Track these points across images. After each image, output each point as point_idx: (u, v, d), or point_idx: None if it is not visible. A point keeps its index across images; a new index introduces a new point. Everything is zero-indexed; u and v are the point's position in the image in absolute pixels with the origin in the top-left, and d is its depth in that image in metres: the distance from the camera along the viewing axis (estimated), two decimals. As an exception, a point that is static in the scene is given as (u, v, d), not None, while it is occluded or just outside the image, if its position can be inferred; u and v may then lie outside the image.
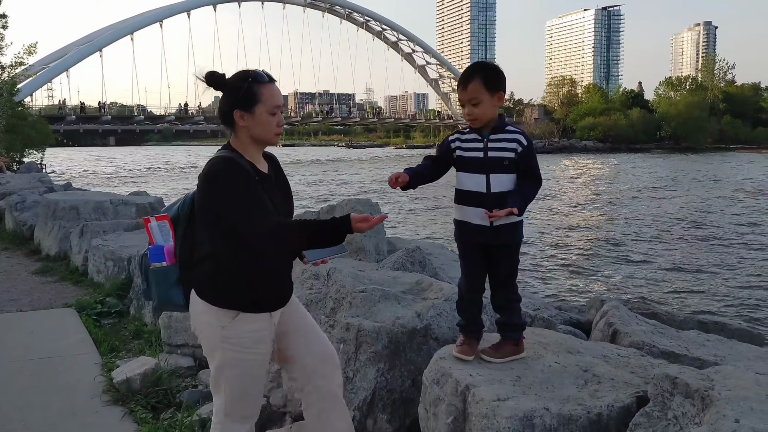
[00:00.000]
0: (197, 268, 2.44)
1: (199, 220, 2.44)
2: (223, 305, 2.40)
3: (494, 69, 2.78)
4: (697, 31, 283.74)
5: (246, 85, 2.41)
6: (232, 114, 2.42)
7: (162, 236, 2.49)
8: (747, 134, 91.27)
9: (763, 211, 22.97)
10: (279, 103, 2.47)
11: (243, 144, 2.47)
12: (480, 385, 2.64)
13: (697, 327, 5.01)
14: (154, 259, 2.49)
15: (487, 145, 2.77)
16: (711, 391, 2.22)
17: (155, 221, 2.51)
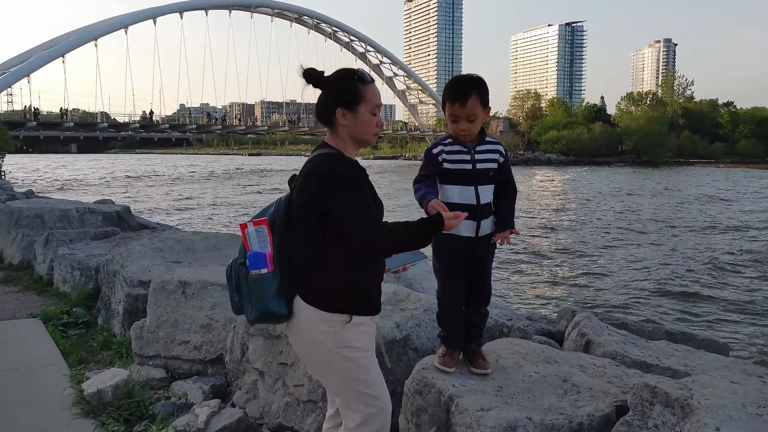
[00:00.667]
0: (304, 273, 2.34)
1: (306, 220, 2.33)
2: (336, 310, 2.33)
3: (485, 84, 2.81)
4: (658, 47, 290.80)
5: (351, 83, 2.39)
6: (334, 112, 2.39)
7: (259, 242, 2.34)
8: (705, 149, 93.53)
9: (722, 222, 23.58)
10: (380, 103, 2.45)
11: (343, 142, 2.42)
12: (463, 395, 2.66)
13: (666, 337, 5.11)
14: (255, 266, 2.32)
15: (474, 157, 2.80)
16: (690, 400, 2.27)
17: (252, 226, 2.36)
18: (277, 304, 2.31)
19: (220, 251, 6.65)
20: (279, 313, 2.33)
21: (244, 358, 4.14)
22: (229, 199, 33.79)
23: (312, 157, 2.38)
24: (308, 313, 2.32)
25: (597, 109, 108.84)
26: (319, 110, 2.45)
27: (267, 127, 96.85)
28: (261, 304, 2.31)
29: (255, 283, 2.32)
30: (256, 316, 2.36)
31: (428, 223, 2.37)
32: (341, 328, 2.31)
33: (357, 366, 2.35)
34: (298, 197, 2.34)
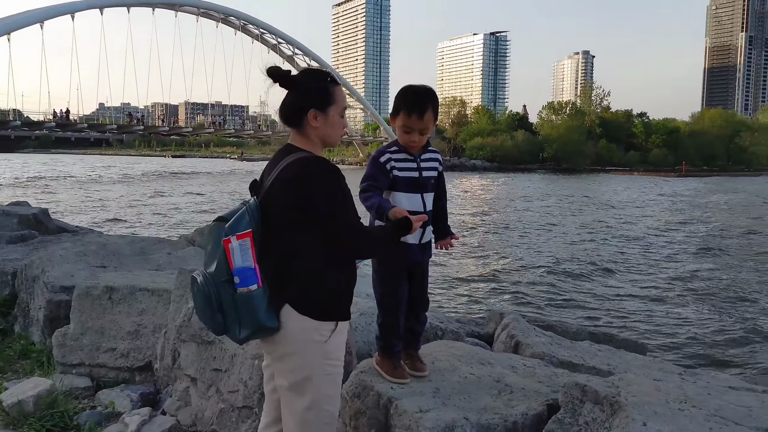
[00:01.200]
0: (294, 282, 2.27)
1: (295, 226, 2.26)
2: (327, 317, 2.29)
3: (437, 96, 2.86)
4: (577, 59, 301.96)
5: (324, 85, 2.35)
6: (306, 113, 2.33)
7: (242, 256, 2.20)
8: (620, 157, 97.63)
9: (634, 226, 24.67)
10: (346, 105, 2.43)
11: (313, 144, 2.38)
12: (402, 397, 2.70)
13: (589, 338, 5.34)
14: (245, 284, 2.19)
15: (420, 165, 2.85)
16: (618, 397, 2.39)
17: (236, 240, 2.20)
18: (270, 317, 2.23)
19: (147, 255, 6.48)
20: (272, 327, 2.25)
21: (176, 364, 4.06)
22: (152, 202, 32.83)
23: (291, 162, 2.28)
24: (300, 323, 2.26)
25: (520, 118, 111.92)
26: (287, 111, 2.38)
27: (191, 129, 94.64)
28: (254, 322, 2.22)
29: (245, 301, 2.21)
30: (248, 334, 2.26)
31: (400, 226, 2.42)
32: (330, 337, 2.28)
33: (333, 383, 2.34)
34: (287, 204, 2.26)
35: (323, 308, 2.29)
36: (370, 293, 6.10)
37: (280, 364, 2.33)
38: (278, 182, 2.28)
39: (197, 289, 2.28)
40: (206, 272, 2.28)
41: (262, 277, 2.23)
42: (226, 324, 2.27)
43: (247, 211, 2.27)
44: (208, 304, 2.25)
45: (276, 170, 2.32)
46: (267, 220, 2.29)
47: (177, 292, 4.19)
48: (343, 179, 2.30)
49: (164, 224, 23.55)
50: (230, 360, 3.64)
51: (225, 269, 2.21)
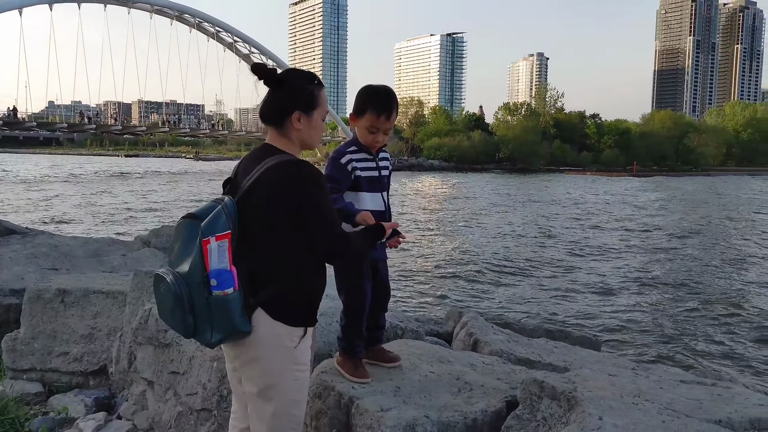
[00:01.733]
0: (269, 286, 2.23)
1: (276, 230, 2.22)
2: (299, 323, 2.25)
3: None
4: (531, 61, 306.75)
5: (311, 87, 2.31)
6: (291, 114, 2.28)
7: (219, 258, 2.13)
8: (574, 158, 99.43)
9: (587, 224, 25.19)
10: (328, 110, 2.41)
11: (293, 146, 2.34)
12: (363, 396, 2.71)
13: (545, 335, 5.44)
14: (222, 286, 2.13)
15: (378, 164, 2.87)
16: (575, 392, 2.44)
17: (215, 241, 2.12)
18: (244, 322, 2.18)
19: (100, 257, 6.35)
20: (245, 331, 2.20)
21: (132, 367, 3.98)
22: (104, 203, 32.09)
23: (272, 165, 2.23)
24: (272, 328, 2.22)
25: (476, 118, 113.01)
26: (270, 110, 2.32)
27: (145, 128, 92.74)
28: (228, 326, 2.16)
29: (220, 304, 2.14)
30: (220, 337, 2.20)
31: (373, 232, 2.44)
32: (299, 342, 2.26)
33: (300, 388, 2.32)
34: (272, 206, 2.21)
35: (296, 314, 2.27)
36: (329, 293, 6.09)
37: (248, 369, 2.29)
38: (263, 184, 2.22)
39: (166, 289, 2.18)
40: (176, 271, 2.19)
41: (237, 280, 2.18)
42: (197, 326, 2.19)
43: (223, 211, 2.19)
44: (179, 305, 2.16)
45: (257, 171, 2.25)
46: (243, 222, 2.23)
47: (133, 294, 4.12)
48: (326, 185, 2.30)
49: (118, 225, 23.05)
50: (188, 362, 3.59)
51: (200, 270, 2.13)
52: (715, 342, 9.58)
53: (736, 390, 2.78)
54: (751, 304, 12.20)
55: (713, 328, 10.41)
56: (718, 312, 11.45)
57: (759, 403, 2.57)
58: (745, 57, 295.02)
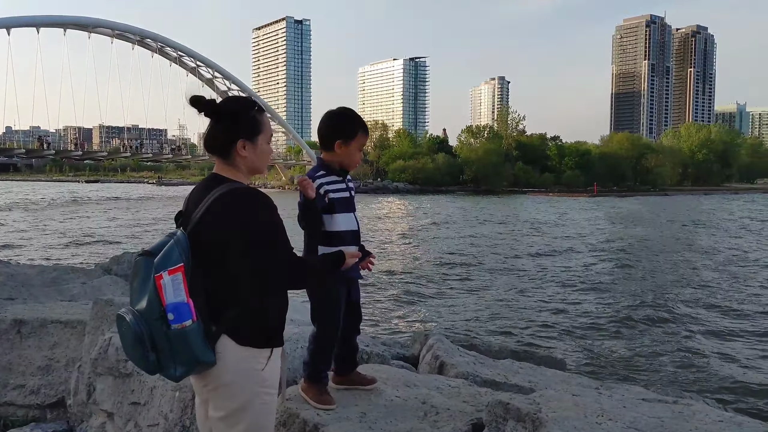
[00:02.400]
0: (230, 313, 2.22)
1: (229, 257, 2.21)
2: (264, 344, 2.25)
3: None
4: (493, 84, 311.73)
5: (252, 114, 2.31)
6: (235, 143, 2.29)
7: (175, 292, 2.12)
8: (536, 179, 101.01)
9: (551, 245, 25.51)
10: (272, 132, 2.41)
11: (240, 173, 2.34)
12: (328, 423, 2.69)
13: (511, 356, 5.47)
14: (179, 320, 2.11)
15: (348, 185, 2.93)
16: (539, 413, 2.46)
17: (168, 275, 2.12)
18: (206, 352, 2.17)
19: (59, 286, 6.20)
20: (209, 362, 2.19)
21: (91, 399, 3.88)
22: (64, 229, 31.39)
23: (222, 194, 2.25)
24: (237, 353, 2.22)
25: (440, 141, 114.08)
26: (214, 141, 2.35)
27: (107, 153, 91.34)
28: (190, 358, 2.15)
29: (180, 337, 2.12)
30: (184, 371, 2.19)
31: (335, 259, 2.47)
32: (266, 364, 2.26)
33: (268, 412, 2.31)
34: (221, 236, 2.22)
35: (260, 336, 2.26)
36: (294, 319, 6.04)
37: (216, 395, 2.28)
38: (212, 214, 2.23)
39: (126, 328, 2.18)
40: (135, 310, 2.19)
41: (195, 311, 2.17)
42: (160, 362, 2.18)
43: (176, 245, 2.20)
44: (139, 343, 2.15)
45: (206, 202, 2.26)
46: (198, 252, 2.23)
47: (92, 323, 4.03)
48: (275, 210, 2.30)
49: (77, 252, 22.51)
50: (149, 393, 3.52)
51: (157, 306, 2.13)
52: (676, 358, 9.74)
53: (697, 407, 2.83)
54: (707, 320, 12.47)
55: (672, 344, 10.60)
56: (677, 328, 11.67)
57: (718, 419, 2.62)
58: (698, 80, 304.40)
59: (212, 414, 2.31)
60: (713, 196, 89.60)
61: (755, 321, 12.54)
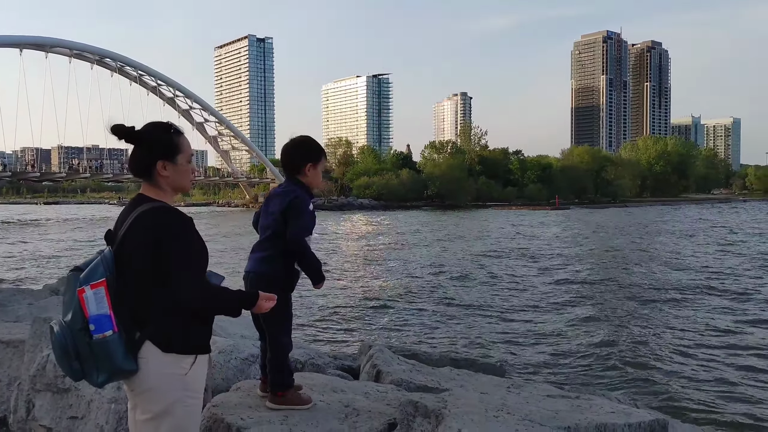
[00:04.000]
0: (151, 322, 2.38)
1: (148, 272, 2.36)
2: (185, 351, 2.38)
3: None
4: (456, 100, 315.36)
5: (168, 136, 2.47)
6: (155, 164, 2.45)
7: (97, 304, 2.30)
8: (499, 193, 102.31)
9: (506, 256, 25.94)
10: (193, 152, 2.56)
11: (164, 193, 2.50)
12: (251, 427, 2.85)
13: (450, 363, 5.67)
14: (100, 330, 2.28)
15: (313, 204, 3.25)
16: (444, 410, 2.66)
17: (90, 289, 2.30)
18: (127, 361, 2.33)
19: (4, 307, 6.23)
20: (130, 370, 2.35)
21: (30, 416, 3.96)
22: (14, 252, 30.80)
23: (141, 213, 2.42)
24: (160, 358, 2.37)
25: (404, 157, 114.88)
26: (137, 164, 2.51)
27: (65, 174, 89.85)
28: (111, 366, 2.31)
29: (101, 347, 2.29)
30: (105, 378, 2.36)
31: (246, 299, 2.59)
32: (190, 369, 2.41)
33: (192, 414, 2.45)
34: (138, 252, 2.38)
35: (182, 343, 2.41)
36: (245, 335, 6.15)
37: (142, 399, 2.43)
38: (131, 232, 2.41)
39: (54, 338, 2.35)
40: (63, 321, 2.35)
41: (117, 322, 2.33)
42: (84, 370, 2.35)
43: (102, 261, 2.37)
44: (64, 352, 2.33)
45: (128, 220, 2.44)
46: (122, 267, 2.40)
47: (31, 341, 4.12)
48: (194, 230, 2.46)
49: (27, 275, 22.19)
50: (87, 406, 3.63)
51: (80, 317, 2.30)
52: (609, 365, 10.12)
53: (596, 401, 3.06)
54: (646, 328, 12.92)
55: (609, 349, 10.99)
56: (617, 337, 12.07)
57: (611, 411, 2.85)
58: (654, 93, 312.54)
59: (138, 417, 2.46)
60: (672, 206, 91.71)
61: (696, 324, 13.01)
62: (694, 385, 9.10)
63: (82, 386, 3.71)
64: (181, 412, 2.41)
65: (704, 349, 11.10)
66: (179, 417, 2.41)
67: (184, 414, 2.43)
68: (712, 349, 11.08)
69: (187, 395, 2.42)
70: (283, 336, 3.14)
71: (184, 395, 2.42)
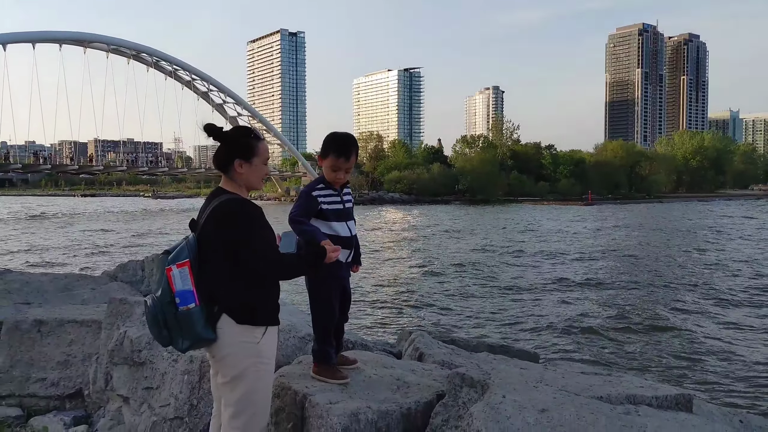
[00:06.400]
0: (232, 298, 2.77)
1: (226, 254, 2.74)
2: (256, 322, 2.78)
3: (357, 142, 3.51)
4: (487, 94, 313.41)
5: (248, 140, 2.88)
6: (233, 162, 2.85)
7: (182, 281, 2.70)
8: (532, 187, 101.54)
9: (541, 250, 26.04)
10: (269, 156, 2.96)
11: (239, 187, 2.90)
12: (315, 393, 3.20)
13: (487, 350, 5.97)
14: (184, 303, 2.69)
15: (342, 198, 3.44)
16: (488, 380, 2.98)
17: (176, 268, 2.71)
18: (207, 330, 2.73)
19: (71, 291, 6.70)
20: (208, 338, 2.75)
21: (108, 386, 4.38)
22: (67, 241, 31.85)
23: (220, 202, 2.81)
24: (234, 329, 2.76)
25: (435, 151, 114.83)
26: (219, 159, 2.90)
27: (102, 167, 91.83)
28: (193, 334, 2.71)
29: (185, 318, 2.70)
30: (189, 344, 2.75)
31: (317, 254, 2.95)
32: (262, 338, 2.80)
33: (263, 377, 2.84)
34: (215, 237, 2.76)
35: (253, 316, 2.81)
36: (290, 313, 6.54)
37: (220, 364, 2.84)
38: (210, 219, 2.82)
39: (147, 310, 2.79)
40: (154, 296, 2.79)
41: (199, 297, 2.73)
42: (171, 337, 2.76)
43: (186, 245, 2.79)
44: (155, 322, 2.75)
45: (208, 209, 2.86)
46: (204, 250, 2.80)
47: (108, 319, 4.53)
48: (263, 216, 2.85)
49: (82, 262, 23.25)
50: (161, 378, 4.03)
51: (168, 292, 2.72)
52: (639, 351, 10.36)
53: (626, 378, 3.35)
54: (674, 316, 13.07)
55: (639, 336, 11.22)
56: (646, 324, 12.27)
57: (639, 386, 3.13)
58: (691, 87, 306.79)
59: (219, 381, 2.87)
60: (708, 203, 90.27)
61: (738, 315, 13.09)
62: (721, 370, 9.33)
63: (157, 360, 4.12)
64: (254, 376, 2.81)
65: (728, 338, 11.27)
66: (253, 380, 2.81)
67: (258, 377, 2.82)
68: (736, 338, 11.26)
69: (259, 361, 2.82)
70: (320, 305, 3.43)
71: (257, 361, 2.81)
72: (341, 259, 3.37)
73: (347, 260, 3.46)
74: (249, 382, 2.80)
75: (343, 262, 3.41)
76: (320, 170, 3.54)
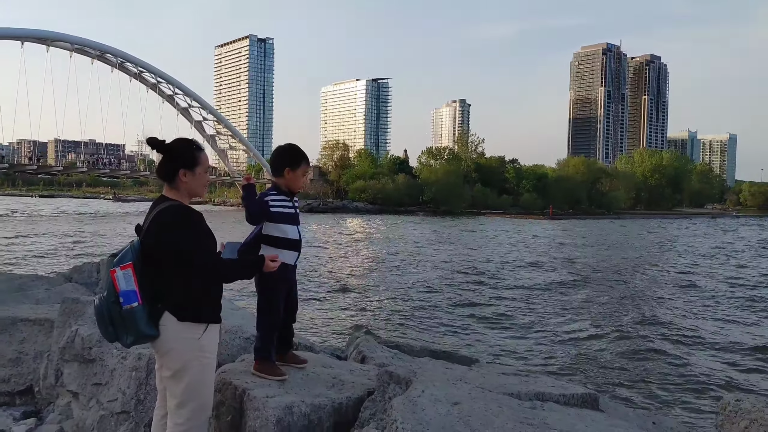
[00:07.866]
0: (173, 298, 2.99)
1: (167, 257, 2.96)
2: (198, 320, 3.00)
3: None
4: (454, 107, 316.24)
5: (191, 151, 3.11)
6: (177, 172, 3.07)
7: (126, 282, 2.92)
8: (494, 200, 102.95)
9: (493, 260, 26.60)
10: (209, 165, 3.21)
11: (182, 195, 3.12)
12: (254, 388, 3.43)
13: (429, 355, 6.25)
14: (127, 302, 2.91)
15: (294, 203, 3.74)
16: (413, 377, 3.26)
17: (120, 270, 2.93)
18: (149, 328, 2.97)
19: (25, 291, 6.79)
20: (151, 335, 2.99)
21: (58, 382, 4.54)
22: (23, 242, 31.32)
23: (163, 209, 3.05)
24: (176, 326, 3.00)
25: (401, 162, 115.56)
26: (164, 170, 3.13)
27: (62, 168, 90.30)
28: (136, 331, 2.95)
29: (129, 315, 2.92)
30: (132, 340, 2.98)
31: (254, 261, 3.28)
32: (203, 335, 3.03)
33: (205, 370, 3.07)
34: (158, 241, 2.99)
35: (193, 314, 3.04)
36: (235, 318, 6.72)
37: (164, 359, 3.07)
38: (152, 224, 3.05)
39: (95, 309, 3.03)
40: (102, 296, 3.03)
41: (142, 296, 2.96)
42: (116, 334, 2.99)
43: (130, 248, 3.02)
44: (102, 319, 3.00)
45: (152, 215, 3.09)
46: (147, 253, 3.03)
47: (61, 318, 4.70)
48: (203, 222, 3.09)
49: (39, 263, 23.10)
50: (110, 374, 4.22)
51: (113, 292, 2.95)
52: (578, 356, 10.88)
53: (542, 379, 3.67)
54: (627, 327, 13.62)
55: (585, 343, 11.74)
56: (591, 333, 12.80)
57: (551, 385, 3.45)
58: (651, 107, 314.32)
59: (163, 374, 3.11)
60: (666, 220, 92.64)
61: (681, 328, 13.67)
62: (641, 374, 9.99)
63: (106, 357, 4.30)
64: (197, 369, 3.05)
65: (656, 345, 11.96)
66: (196, 372, 3.05)
67: (200, 370, 3.06)
68: (665, 345, 11.95)
69: (201, 355, 3.06)
70: (266, 305, 3.66)
71: (200, 355, 3.05)
72: (290, 261, 3.64)
73: (295, 263, 3.71)
74: (192, 374, 3.03)
75: (291, 264, 3.67)
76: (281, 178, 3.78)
